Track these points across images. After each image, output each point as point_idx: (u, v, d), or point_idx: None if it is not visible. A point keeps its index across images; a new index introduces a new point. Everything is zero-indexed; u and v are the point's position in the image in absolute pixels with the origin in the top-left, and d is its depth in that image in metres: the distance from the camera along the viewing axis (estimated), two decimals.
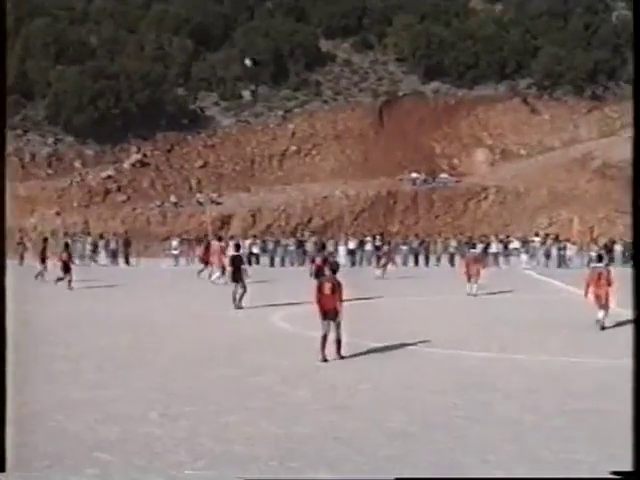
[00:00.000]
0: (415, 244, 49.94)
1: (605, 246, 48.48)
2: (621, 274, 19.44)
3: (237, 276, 24.13)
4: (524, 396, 12.70)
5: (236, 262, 24.54)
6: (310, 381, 14.00)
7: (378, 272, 37.62)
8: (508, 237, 52.31)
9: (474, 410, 11.68)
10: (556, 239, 51.95)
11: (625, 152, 64.97)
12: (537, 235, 52.29)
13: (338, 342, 15.72)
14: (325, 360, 15.64)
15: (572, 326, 20.43)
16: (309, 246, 48.31)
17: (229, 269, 25.24)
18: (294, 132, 73.92)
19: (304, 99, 77.45)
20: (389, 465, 9.02)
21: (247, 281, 24.64)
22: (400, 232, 59.91)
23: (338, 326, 15.68)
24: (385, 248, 41.84)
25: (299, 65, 79.86)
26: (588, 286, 19.98)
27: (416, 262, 47.97)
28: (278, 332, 19.83)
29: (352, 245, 49.25)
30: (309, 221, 61.89)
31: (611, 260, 41.81)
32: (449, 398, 12.44)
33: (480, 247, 39.22)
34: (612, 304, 19.62)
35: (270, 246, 51.34)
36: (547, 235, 53.93)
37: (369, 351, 16.62)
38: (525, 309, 25.22)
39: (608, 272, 20.06)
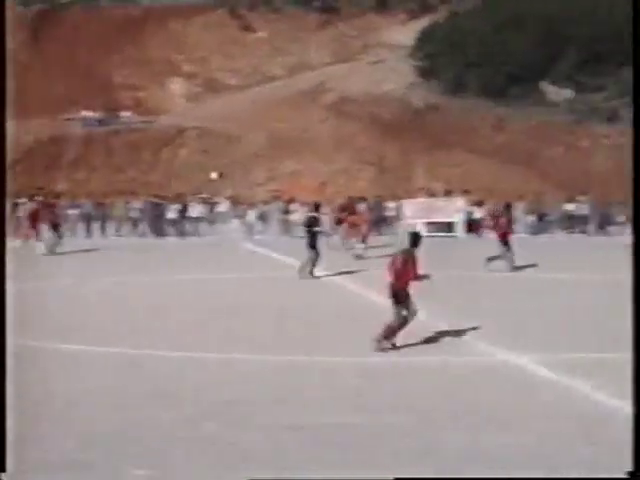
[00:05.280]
0: (88, 207, 45.64)
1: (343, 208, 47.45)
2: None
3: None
4: None
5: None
6: None
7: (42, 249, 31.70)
8: (211, 197, 49.68)
9: None
10: (277, 197, 48.72)
11: (368, 83, 60.88)
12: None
13: None
14: None
15: None
16: None
17: None
18: None
19: None
20: None
21: None
22: (68, 191, 55.58)
23: None
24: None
25: None
26: None
27: (88, 231, 43.90)
28: None
29: None
30: None
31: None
32: None
33: (175, 210, 40.46)
34: None
35: None
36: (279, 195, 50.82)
37: None
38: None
39: None
